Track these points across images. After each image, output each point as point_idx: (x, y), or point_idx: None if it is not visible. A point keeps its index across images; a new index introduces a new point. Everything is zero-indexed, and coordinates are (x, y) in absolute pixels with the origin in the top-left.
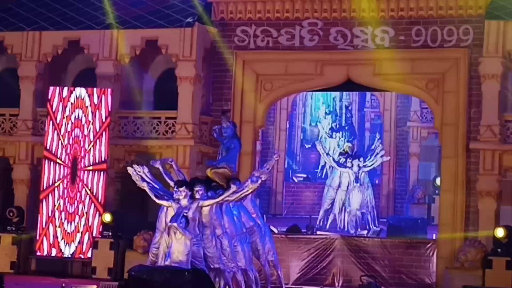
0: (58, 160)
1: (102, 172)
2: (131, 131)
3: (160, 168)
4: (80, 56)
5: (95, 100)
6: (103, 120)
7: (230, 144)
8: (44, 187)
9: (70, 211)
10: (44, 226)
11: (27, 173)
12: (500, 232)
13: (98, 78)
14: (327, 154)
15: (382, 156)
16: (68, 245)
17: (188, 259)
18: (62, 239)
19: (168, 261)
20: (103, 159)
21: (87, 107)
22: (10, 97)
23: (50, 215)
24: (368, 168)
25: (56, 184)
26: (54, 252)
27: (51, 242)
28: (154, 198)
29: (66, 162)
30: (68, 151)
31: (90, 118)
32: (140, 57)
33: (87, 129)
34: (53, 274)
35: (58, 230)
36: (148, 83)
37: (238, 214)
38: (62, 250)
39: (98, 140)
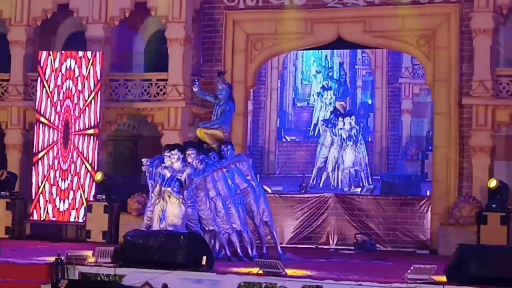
0: (50, 124)
1: (93, 137)
2: (122, 94)
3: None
4: (70, 20)
5: (86, 63)
6: (94, 83)
7: (226, 106)
8: (37, 150)
9: (63, 176)
10: (37, 191)
11: (19, 138)
12: (492, 183)
13: (88, 41)
14: (325, 121)
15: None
16: (62, 209)
17: (183, 222)
18: (55, 203)
19: (163, 224)
20: (94, 124)
21: (78, 71)
22: (1, 63)
23: (43, 179)
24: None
25: (48, 148)
26: (48, 216)
27: (45, 206)
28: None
29: (58, 126)
30: (60, 115)
31: (81, 82)
32: (130, 19)
33: (78, 93)
34: (48, 238)
35: (53, 192)
36: (138, 45)
37: (232, 176)
38: (56, 214)
39: (89, 104)
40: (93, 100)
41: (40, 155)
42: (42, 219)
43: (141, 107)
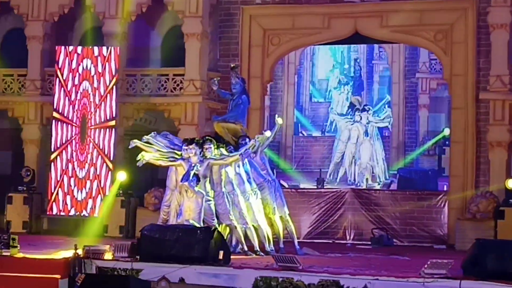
0: (66, 120)
1: (111, 129)
2: (139, 89)
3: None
4: (86, 15)
5: (103, 59)
6: (111, 78)
7: (239, 100)
8: (54, 148)
9: (80, 175)
10: (55, 185)
11: (37, 133)
12: (511, 183)
13: (105, 36)
14: (340, 115)
15: (389, 119)
16: (80, 204)
17: (200, 217)
18: (73, 198)
19: (180, 219)
20: (112, 116)
21: (94, 66)
22: (18, 58)
23: (60, 174)
24: (376, 124)
25: (65, 144)
26: (65, 211)
27: (62, 201)
28: (161, 164)
29: (75, 121)
30: (77, 109)
31: (98, 76)
32: (146, 14)
33: (95, 88)
34: (65, 233)
35: (69, 186)
36: (155, 40)
37: (248, 170)
38: (73, 209)
39: (106, 98)
40: (109, 94)
41: (57, 152)
42: (59, 214)
43: (158, 102)
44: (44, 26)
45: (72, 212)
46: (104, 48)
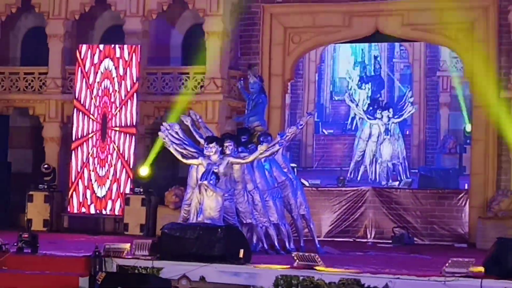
0: (88, 113)
1: (132, 136)
2: (159, 87)
3: (190, 125)
4: (108, 13)
5: (124, 57)
6: (132, 81)
7: (258, 99)
8: (75, 138)
9: (101, 174)
10: (74, 182)
11: (57, 131)
12: None
13: (126, 34)
14: (356, 105)
15: (412, 105)
16: (100, 203)
17: (220, 215)
18: (93, 196)
19: (200, 218)
20: (131, 123)
21: (115, 64)
22: (39, 56)
23: (80, 170)
24: (397, 120)
25: (88, 137)
26: (85, 210)
27: (82, 200)
28: (181, 159)
29: (97, 118)
30: (98, 106)
31: (118, 76)
32: (167, 13)
33: (117, 87)
34: (86, 231)
35: (90, 185)
36: (176, 38)
37: (270, 169)
38: (94, 207)
39: (126, 102)
40: (129, 100)
41: (78, 143)
42: (79, 212)
43: (179, 100)
44: (65, 25)
45: (93, 211)
46: (125, 46)
